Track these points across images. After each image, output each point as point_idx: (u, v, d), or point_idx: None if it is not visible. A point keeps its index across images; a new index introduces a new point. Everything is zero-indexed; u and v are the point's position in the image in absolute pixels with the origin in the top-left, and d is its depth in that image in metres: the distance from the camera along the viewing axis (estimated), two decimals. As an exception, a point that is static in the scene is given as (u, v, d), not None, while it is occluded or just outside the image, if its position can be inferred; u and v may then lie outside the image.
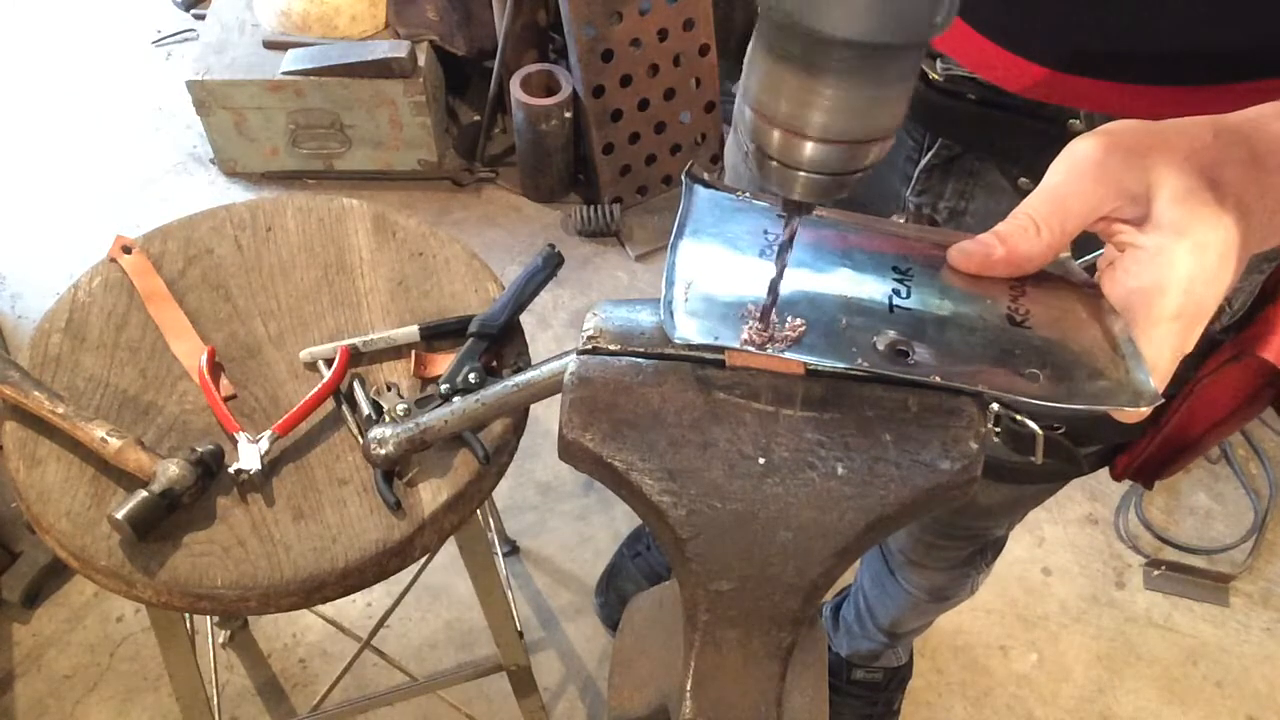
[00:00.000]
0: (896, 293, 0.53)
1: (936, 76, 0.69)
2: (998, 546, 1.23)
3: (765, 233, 0.57)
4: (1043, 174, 0.51)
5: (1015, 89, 0.65)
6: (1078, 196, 0.50)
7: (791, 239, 0.50)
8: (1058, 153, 0.51)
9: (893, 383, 0.50)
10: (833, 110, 0.42)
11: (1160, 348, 0.48)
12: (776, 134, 0.44)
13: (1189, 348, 0.49)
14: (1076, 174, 0.50)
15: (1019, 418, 0.49)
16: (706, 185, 0.60)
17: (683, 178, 0.61)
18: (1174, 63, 0.61)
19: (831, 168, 0.45)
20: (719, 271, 0.54)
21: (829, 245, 0.56)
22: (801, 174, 0.45)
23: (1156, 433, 0.82)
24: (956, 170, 0.75)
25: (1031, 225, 0.51)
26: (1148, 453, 0.85)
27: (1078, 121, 0.65)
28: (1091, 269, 0.55)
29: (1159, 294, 0.48)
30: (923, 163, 0.76)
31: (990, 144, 0.72)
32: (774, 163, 0.46)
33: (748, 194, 0.60)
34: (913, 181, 0.77)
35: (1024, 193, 0.70)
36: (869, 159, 0.45)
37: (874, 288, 0.53)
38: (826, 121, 0.43)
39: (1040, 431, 0.49)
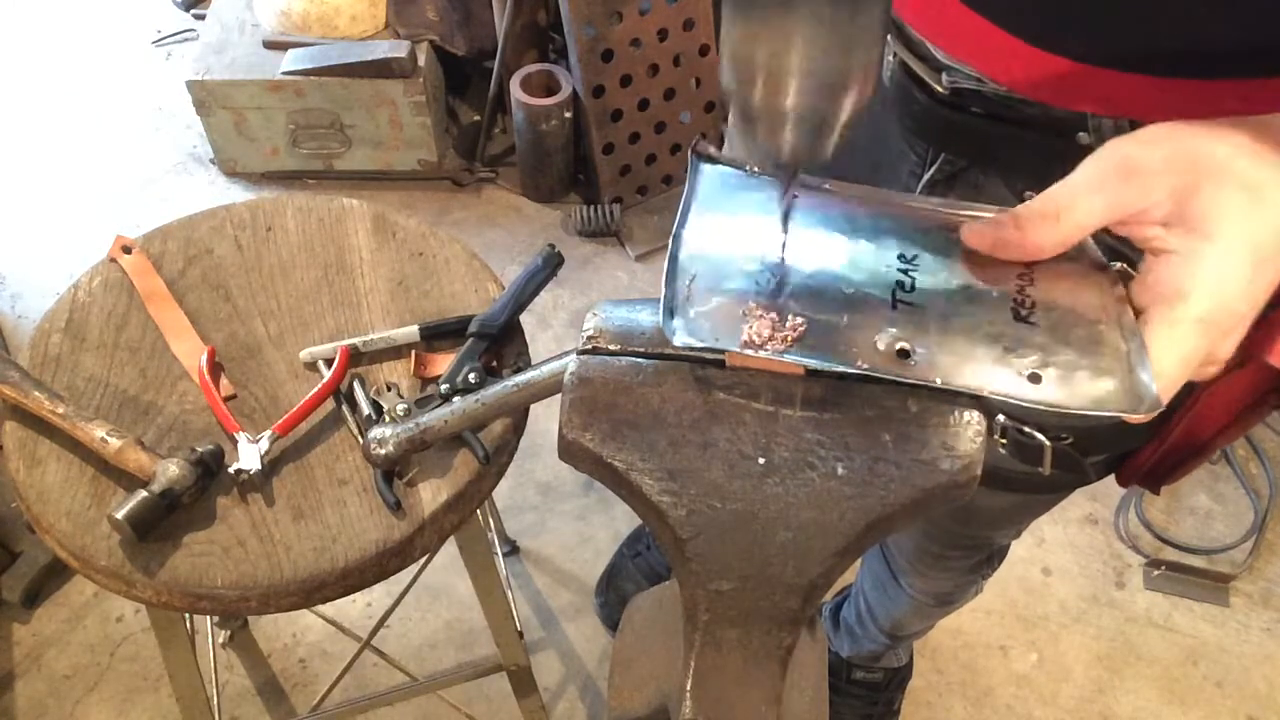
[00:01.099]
0: (901, 285, 0.52)
1: (941, 89, 0.69)
2: (1003, 554, 1.23)
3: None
4: (1047, 188, 0.51)
5: (1035, 86, 0.64)
6: (1104, 192, 0.49)
7: (788, 212, 0.50)
8: (1063, 167, 0.51)
9: (893, 383, 0.50)
10: (808, 50, 0.44)
11: (1171, 351, 0.48)
12: (758, 85, 0.46)
13: (1223, 355, 0.49)
14: (1107, 169, 0.49)
15: (1026, 429, 0.49)
16: (714, 161, 0.60)
17: (690, 154, 0.60)
18: (1208, 55, 0.59)
19: (813, 114, 0.46)
20: (723, 262, 0.53)
21: (835, 228, 0.56)
22: (786, 130, 0.47)
23: (1163, 440, 0.82)
24: (960, 184, 0.74)
25: (1052, 212, 0.50)
26: (1154, 459, 0.85)
27: (1085, 134, 0.64)
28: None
29: (1181, 297, 0.47)
30: (926, 177, 0.75)
31: (995, 158, 0.71)
32: (758, 123, 0.47)
33: (755, 168, 0.60)
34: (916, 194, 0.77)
35: None
36: (846, 108, 0.46)
37: (878, 278, 0.53)
38: (803, 63, 0.44)
39: (1048, 443, 0.48)
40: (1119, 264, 0.53)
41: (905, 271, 0.53)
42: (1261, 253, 0.47)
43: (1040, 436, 0.48)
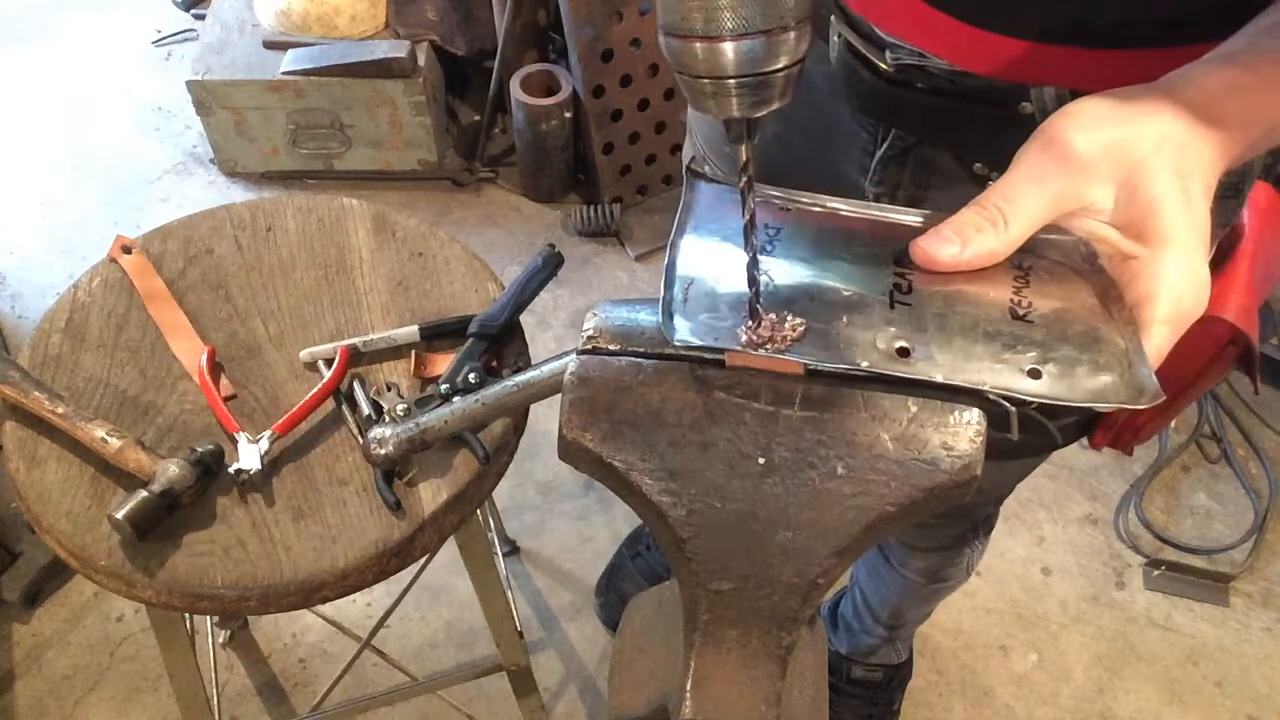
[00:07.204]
0: (898, 287, 0.53)
1: (886, 67, 0.69)
2: (988, 525, 1.23)
3: (766, 226, 0.56)
4: (996, 159, 0.51)
5: (974, 62, 0.65)
6: (1044, 185, 0.49)
7: (752, 219, 0.51)
8: (1008, 138, 0.51)
9: (893, 382, 0.50)
10: (738, 7, 0.46)
11: (1149, 351, 0.49)
12: (697, 47, 0.47)
13: (1172, 343, 0.51)
14: (1045, 161, 0.49)
15: (992, 395, 0.49)
16: (709, 180, 0.60)
17: (684, 171, 0.60)
18: (1139, 24, 0.60)
19: (755, 65, 0.47)
20: (719, 269, 0.53)
21: (829, 238, 0.56)
22: (731, 83, 0.48)
23: None
24: (912, 160, 0.75)
25: (993, 218, 0.50)
26: (1120, 422, 0.86)
27: (1028, 104, 0.65)
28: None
29: (1149, 300, 0.49)
30: (878, 155, 0.76)
31: (943, 133, 0.72)
32: (704, 81, 0.48)
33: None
34: (870, 173, 0.78)
35: (979, 178, 0.70)
36: (786, 51, 0.48)
37: (875, 282, 0.53)
38: (735, 18, 0.46)
39: (1013, 408, 0.49)
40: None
41: (901, 275, 0.53)
42: (1203, 241, 0.48)
43: (1005, 402, 0.48)
